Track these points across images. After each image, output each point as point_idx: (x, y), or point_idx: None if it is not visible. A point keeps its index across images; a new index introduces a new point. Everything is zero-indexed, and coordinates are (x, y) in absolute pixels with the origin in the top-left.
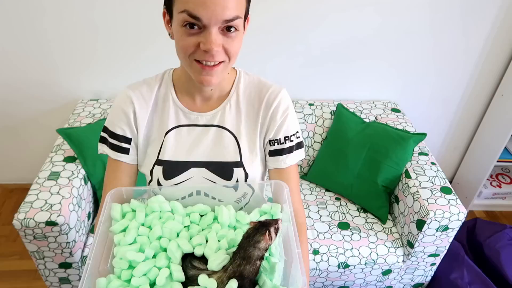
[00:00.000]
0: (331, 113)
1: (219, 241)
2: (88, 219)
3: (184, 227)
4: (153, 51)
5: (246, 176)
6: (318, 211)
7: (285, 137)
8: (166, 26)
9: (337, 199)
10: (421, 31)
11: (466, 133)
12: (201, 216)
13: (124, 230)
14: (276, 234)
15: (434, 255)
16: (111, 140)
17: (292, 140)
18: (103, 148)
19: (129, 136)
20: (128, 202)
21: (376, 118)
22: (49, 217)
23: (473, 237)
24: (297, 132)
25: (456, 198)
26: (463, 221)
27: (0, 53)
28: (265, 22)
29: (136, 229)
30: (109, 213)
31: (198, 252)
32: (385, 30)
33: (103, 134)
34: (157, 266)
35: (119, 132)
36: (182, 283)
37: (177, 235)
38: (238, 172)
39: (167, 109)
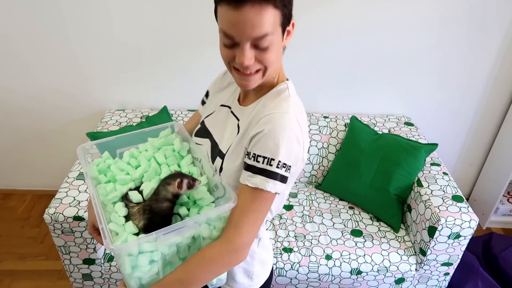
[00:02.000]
0: (345, 125)
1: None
2: None
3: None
4: (177, 64)
5: (221, 169)
6: (332, 218)
7: (253, 154)
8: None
9: (350, 207)
10: (433, 47)
11: (481, 149)
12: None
13: (133, 156)
14: (188, 188)
15: (447, 264)
16: (204, 95)
17: (259, 161)
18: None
19: (209, 91)
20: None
21: (389, 131)
22: (77, 213)
23: (488, 250)
24: (272, 159)
25: (468, 206)
26: (475, 228)
27: (32, 66)
28: None
29: (150, 144)
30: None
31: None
32: (398, 47)
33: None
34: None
35: (208, 89)
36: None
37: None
38: (217, 162)
39: (231, 89)
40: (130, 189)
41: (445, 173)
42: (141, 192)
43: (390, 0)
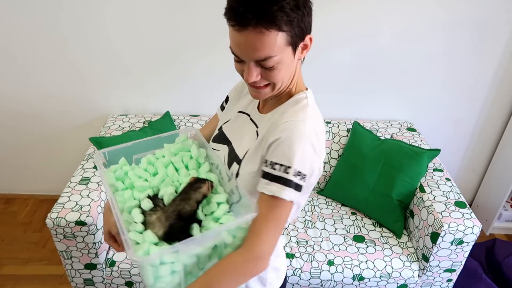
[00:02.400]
0: (347, 130)
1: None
2: None
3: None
4: (179, 69)
5: (237, 175)
6: (334, 224)
7: (270, 161)
8: None
9: (352, 213)
10: (436, 54)
11: (484, 155)
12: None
13: (150, 163)
14: (211, 188)
15: (450, 270)
16: (224, 100)
17: (275, 169)
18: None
19: (228, 96)
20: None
21: (391, 137)
22: (79, 217)
23: (491, 256)
24: (288, 167)
25: (471, 212)
26: (478, 235)
27: (35, 72)
28: None
29: (167, 150)
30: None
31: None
32: (400, 53)
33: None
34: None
35: (229, 94)
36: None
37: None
38: (233, 168)
39: (249, 96)
40: (149, 196)
41: (447, 179)
42: (160, 199)
43: (394, 6)
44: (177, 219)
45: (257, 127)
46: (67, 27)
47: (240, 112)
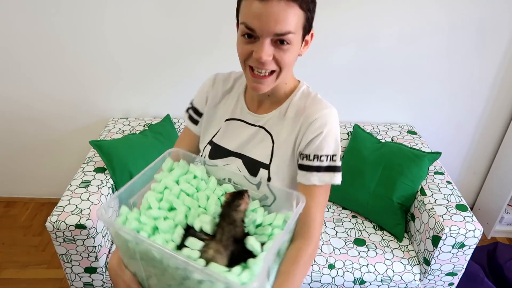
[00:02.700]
0: (348, 133)
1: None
2: None
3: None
4: (180, 72)
5: (269, 180)
6: (334, 227)
7: (314, 155)
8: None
9: (353, 216)
10: (437, 57)
11: (485, 158)
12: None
13: (158, 200)
14: (249, 198)
15: (452, 274)
16: (190, 111)
17: (322, 161)
18: (185, 116)
19: (201, 111)
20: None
21: (392, 139)
22: (79, 221)
23: (493, 260)
24: (334, 155)
25: (472, 215)
26: (479, 238)
27: (35, 75)
28: None
29: (166, 182)
30: (161, 164)
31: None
32: (401, 56)
33: (188, 105)
34: (167, 216)
35: (196, 105)
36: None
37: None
38: (262, 173)
39: (233, 101)
40: (187, 234)
41: (448, 182)
42: (200, 231)
43: (395, 8)
44: (233, 243)
45: (263, 128)
46: (67, 30)
47: (228, 120)
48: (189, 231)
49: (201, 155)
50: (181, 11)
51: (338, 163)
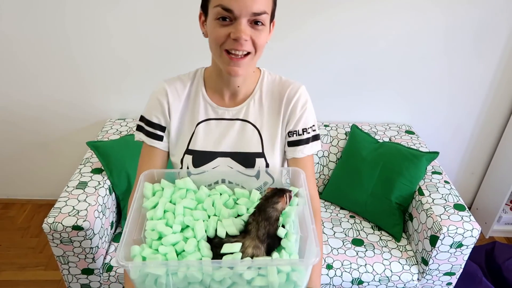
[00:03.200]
0: (345, 134)
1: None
2: (111, 228)
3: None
4: (177, 72)
5: (267, 166)
6: (332, 227)
7: (303, 129)
8: (201, 26)
9: (351, 216)
10: (435, 57)
11: (483, 158)
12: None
13: (155, 207)
14: (289, 200)
15: (450, 273)
16: (147, 128)
17: (309, 132)
18: (139, 136)
19: (163, 124)
20: (159, 183)
21: (390, 139)
22: (76, 222)
23: (491, 259)
24: (314, 125)
25: (470, 215)
26: (477, 237)
27: (33, 75)
28: (282, 48)
29: (164, 205)
30: (142, 191)
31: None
32: (400, 56)
33: (139, 123)
34: (186, 237)
35: (154, 120)
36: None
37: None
38: (260, 162)
39: (197, 103)
40: (213, 246)
41: (446, 182)
42: (227, 237)
43: (392, 9)
44: (268, 237)
45: (246, 121)
46: (65, 31)
47: (202, 122)
48: (212, 242)
49: (181, 168)
50: (180, 12)
51: (319, 131)
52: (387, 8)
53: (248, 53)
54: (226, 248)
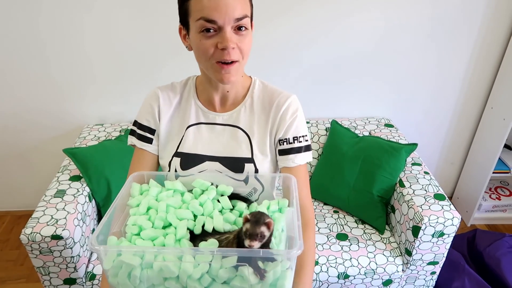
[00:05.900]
0: (326, 129)
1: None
2: None
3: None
4: (155, 76)
5: (256, 172)
6: (317, 223)
7: (293, 137)
8: (183, 40)
9: (335, 212)
10: (411, 51)
11: (461, 147)
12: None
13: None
14: (264, 238)
15: (433, 263)
16: (139, 131)
17: (301, 141)
18: (131, 140)
19: (153, 127)
20: (147, 184)
21: (369, 133)
22: (55, 231)
23: (473, 247)
24: (306, 135)
25: (450, 204)
26: (457, 226)
27: (7, 84)
28: (260, 45)
29: (148, 201)
30: (129, 191)
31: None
32: (377, 51)
33: (132, 127)
34: (166, 233)
35: (145, 123)
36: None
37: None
38: (248, 167)
39: (189, 108)
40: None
41: (426, 172)
42: (214, 231)
43: (367, 4)
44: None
45: (236, 126)
46: (40, 37)
47: (192, 125)
48: (195, 241)
49: (169, 170)
50: (157, 17)
51: (310, 141)
52: (362, 3)
53: (237, 61)
54: (203, 245)
